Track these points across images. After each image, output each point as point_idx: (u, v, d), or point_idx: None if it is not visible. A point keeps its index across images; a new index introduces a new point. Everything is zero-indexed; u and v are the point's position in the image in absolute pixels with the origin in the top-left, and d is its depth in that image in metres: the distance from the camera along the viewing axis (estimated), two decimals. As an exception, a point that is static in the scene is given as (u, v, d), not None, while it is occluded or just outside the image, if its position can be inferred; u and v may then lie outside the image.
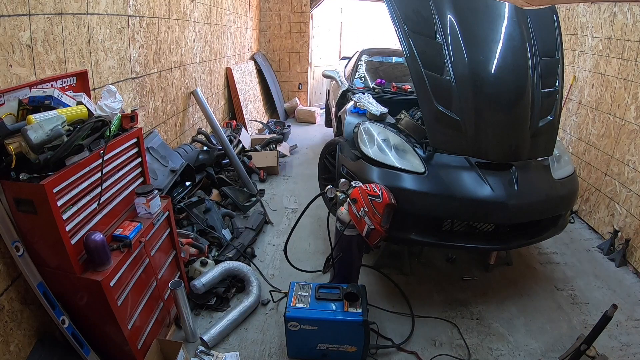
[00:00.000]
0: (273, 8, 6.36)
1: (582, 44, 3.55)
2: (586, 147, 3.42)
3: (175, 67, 3.01)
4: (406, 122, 2.50)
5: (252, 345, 1.94)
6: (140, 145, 1.76)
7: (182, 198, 2.63)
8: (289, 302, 1.81)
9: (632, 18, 2.88)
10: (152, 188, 1.74)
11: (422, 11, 2.22)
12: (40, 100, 1.34)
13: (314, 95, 7.17)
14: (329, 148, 3.02)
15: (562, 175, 2.31)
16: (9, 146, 1.19)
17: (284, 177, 4.07)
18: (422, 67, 2.10)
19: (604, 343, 2.01)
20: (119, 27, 2.14)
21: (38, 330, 1.49)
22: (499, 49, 2.27)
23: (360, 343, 1.78)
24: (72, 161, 1.34)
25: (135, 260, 1.62)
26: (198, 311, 2.13)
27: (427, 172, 2.13)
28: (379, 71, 4.16)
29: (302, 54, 6.62)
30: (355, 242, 2.03)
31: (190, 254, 2.23)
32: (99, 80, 1.97)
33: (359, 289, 1.83)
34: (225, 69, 4.53)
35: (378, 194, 1.89)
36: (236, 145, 4.08)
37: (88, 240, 1.37)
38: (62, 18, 1.66)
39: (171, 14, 2.85)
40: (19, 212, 1.29)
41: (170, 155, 2.64)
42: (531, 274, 2.62)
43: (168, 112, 2.93)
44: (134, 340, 1.61)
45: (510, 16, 2.34)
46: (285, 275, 2.46)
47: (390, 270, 2.54)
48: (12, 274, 1.38)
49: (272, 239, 2.90)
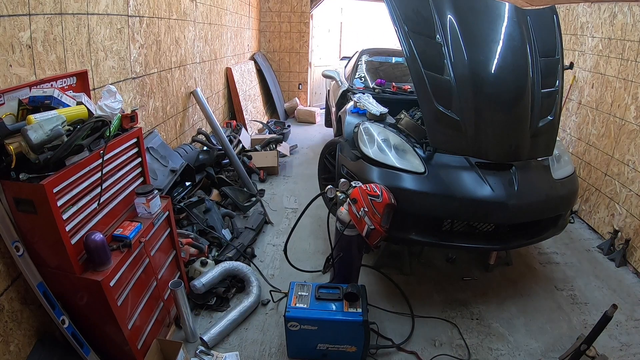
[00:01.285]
0: (273, 8, 6.36)
1: (582, 44, 3.55)
2: (586, 147, 3.42)
3: (175, 67, 3.01)
4: (406, 122, 2.50)
5: (252, 345, 1.94)
6: (140, 145, 1.76)
7: (182, 198, 2.63)
8: (289, 302, 1.81)
9: (632, 18, 2.88)
10: (152, 188, 1.74)
11: (422, 11, 2.22)
12: (40, 100, 1.34)
13: (314, 95, 7.17)
14: (329, 148, 3.02)
15: (562, 175, 2.32)
16: (9, 146, 1.19)
17: (284, 177, 4.07)
18: (422, 67, 2.11)
19: (604, 343, 2.01)
20: (119, 27, 2.14)
21: (38, 330, 1.49)
22: (499, 49, 2.27)
23: (360, 343, 1.78)
24: (72, 161, 1.34)
25: (135, 260, 1.62)
26: (198, 311, 2.13)
27: (427, 172, 2.13)
28: (379, 71, 4.16)
29: (302, 54, 6.62)
30: (355, 242, 2.03)
31: (190, 254, 2.23)
32: (99, 80, 1.97)
33: (359, 289, 1.83)
34: (225, 69, 4.53)
35: (378, 194, 1.89)
36: (236, 145, 4.08)
37: (88, 240, 1.37)
38: (62, 18, 1.66)
39: (171, 14, 2.85)
40: (19, 212, 1.29)
41: (170, 155, 2.64)
42: (531, 274, 2.62)
43: (168, 112, 2.93)
44: (134, 340, 1.61)
45: (510, 16, 2.34)
46: (285, 275, 2.46)
47: (390, 270, 2.54)
48: (12, 274, 1.38)
49: (272, 239, 2.90)
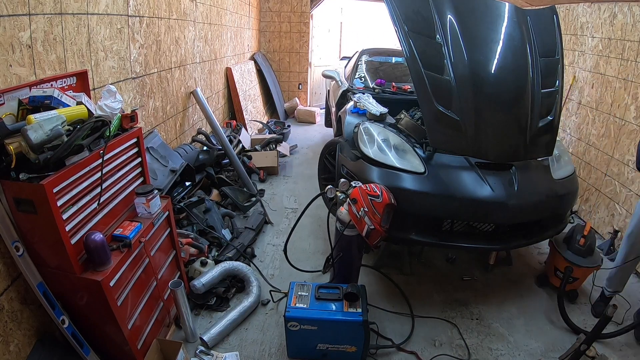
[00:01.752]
0: (273, 8, 6.36)
1: (582, 44, 3.55)
2: (586, 147, 3.42)
3: (175, 67, 3.01)
4: (406, 122, 2.50)
5: (252, 345, 1.94)
6: (140, 145, 1.76)
7: (182, 198, 2.63)
8: (289, 302, 1.81)
9: (632, 18, 2.88)
10: (152, 188, 1.74)
11: (422, 11, 2.22)
12: (40, 100, 1.34)
13: (314, 95, 7.17)
14: (329, 148, 3.02)
15: (562, 176, 2.32)
16: (9, 146, 1.19)
17: (284, 177, 4.07)
18: (422, 67, 2.11)
19: (604, 343, 2.01)
20: (119, 27, 2.14)
21: (38, 330, 1.49)
22: (499, 49, 2.27)
23: (360, 343, 1.78)
24: (72, 161, 1.34)
25: (135, 260, 1.62)
26: (198, 311, 2.13)
27: (427, 172, 2.13)
28: (379, 71, 4.16)
29: (302, 54, 6.62)
30: (355, 242, 2.03)
31: (190, 254, 2.23)
32: (99, 80, 1.97)
33: (359, 289, 1.83)
34: (225, 69, 4.53)
35: (378, 194, 1.89)
36: (236, 145, 4.08)
37: (88, 240, 1.37)
38: (62, 18, 1.66)
39: (171, 14, 2.85)
40: (19, 212, 1.29)
41: (170, 155, 2.64)
42: (531, 274, 2.62)
43: (168, 112, 2.93)
44: (133, 340, 1.61)
45: (510, 16, 2.34)
46: (285, 275, 2.46)
47: (390, 270, 2.54)
48: (12, 274, 1.38)
49: (272, 239, 2.90)
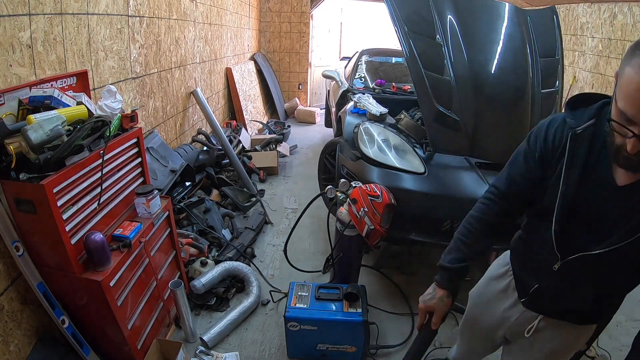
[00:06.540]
0: (273, 8, 6.36)
1: (582, 45, 3.55)
2: (586, 148, 3.42)
3: (175, 67, 3.01)
4: (406, 122, 2.50)
5: (252, 345, 1.94)
6: (140, 145, 1.76)
7: (182, 198, 2.62)
8: (288, 302, 1.80)
9: (632, 18, 2.88)
10: (152, 188, 1.74)
11: (422, 11, 2.22)
12: (40, 100, 1.34)
13: (314, 96, 7.17)
14: (329, 148, 3.02)
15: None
16: (9, 146, 1.19)
17: (284, 177, 4.07)
18: (422, 67, 2.11)
19: (604, 343, 2.01)
20: (119, 27, 2.14)
21: (38, 330, 1.48)
22: (499, 49, 2.27)
23: (360, 343, 1.78)
24: (72, 161, 1.33)
25: (135, 260, 1.62)
26: (198, 311, 2.13)
27: (427, 173, 2.13)
28: (379, 71, 4.16)
29: (302, 54, 6.62)
30: (355, 242, 2.03)
31: (190, 254, 2.23)
32: (99, 80, 1.97)
33: (359, 289, 1.83)
34: (225, 69, 4.53)
35: (378, 194, 1.89)
36: (236, 145, 4.08)
37: (88, 240, 1.37)
38: (62, 18, 1.66)
39: (171, 14, 2.85)
40: (19, 212, 1.29)
41: (170, 155, 2.64)
42: (531, 274, 2.62)
43: (168, 112, 2.93)
44: (133, 340, 1.61)
45: (510, 16, 2.34)
46: (285, 275, 2.46)
47: (390, 270, 2.54)
48: (12, 274, 1.38)
49: (272, 239, 2.90)
